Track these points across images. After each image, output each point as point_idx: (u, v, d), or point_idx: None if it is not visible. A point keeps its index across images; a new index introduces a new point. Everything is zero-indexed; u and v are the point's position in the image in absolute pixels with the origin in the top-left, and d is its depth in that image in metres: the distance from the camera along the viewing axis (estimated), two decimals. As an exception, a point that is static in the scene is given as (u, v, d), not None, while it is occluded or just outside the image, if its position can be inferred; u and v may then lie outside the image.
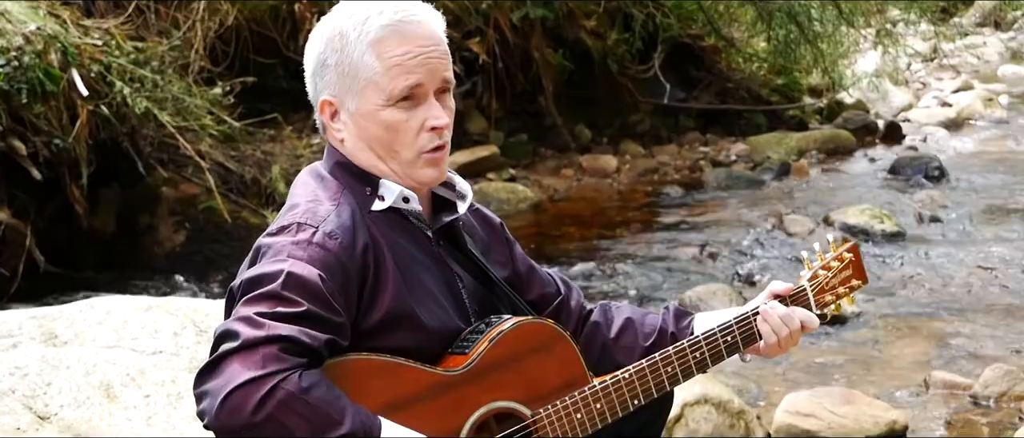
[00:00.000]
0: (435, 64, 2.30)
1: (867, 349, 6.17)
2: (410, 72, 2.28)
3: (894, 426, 4.85)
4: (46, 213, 7.23)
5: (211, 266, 7.55)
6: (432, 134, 2.31)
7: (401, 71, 2.27)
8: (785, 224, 8.63)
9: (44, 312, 3.98)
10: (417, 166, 2.33)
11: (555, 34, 11.15)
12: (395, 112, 2.29)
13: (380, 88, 2.28)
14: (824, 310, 2.62)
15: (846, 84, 12.89)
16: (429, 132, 2.31)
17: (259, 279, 2.15)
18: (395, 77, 2.27)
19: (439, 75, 2.31)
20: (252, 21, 9.33)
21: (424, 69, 2.29)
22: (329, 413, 2.06)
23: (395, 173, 2.33)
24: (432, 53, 2.30)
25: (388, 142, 2.31)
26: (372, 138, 2.32)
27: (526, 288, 2.57)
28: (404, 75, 2.27)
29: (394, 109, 2.29)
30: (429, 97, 2.31)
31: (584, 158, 10.88)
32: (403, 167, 2.33)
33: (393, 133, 2.30)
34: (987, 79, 16.04)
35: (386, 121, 2.30)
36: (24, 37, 6.82)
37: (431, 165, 2.33)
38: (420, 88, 2.29)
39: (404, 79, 2.27)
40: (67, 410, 3.41)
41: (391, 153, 2.32)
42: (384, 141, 2.31)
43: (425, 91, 2.30)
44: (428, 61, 2.29)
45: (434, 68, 2.30)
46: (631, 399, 2.41)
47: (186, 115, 7.73)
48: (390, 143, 2.31)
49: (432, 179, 2.35)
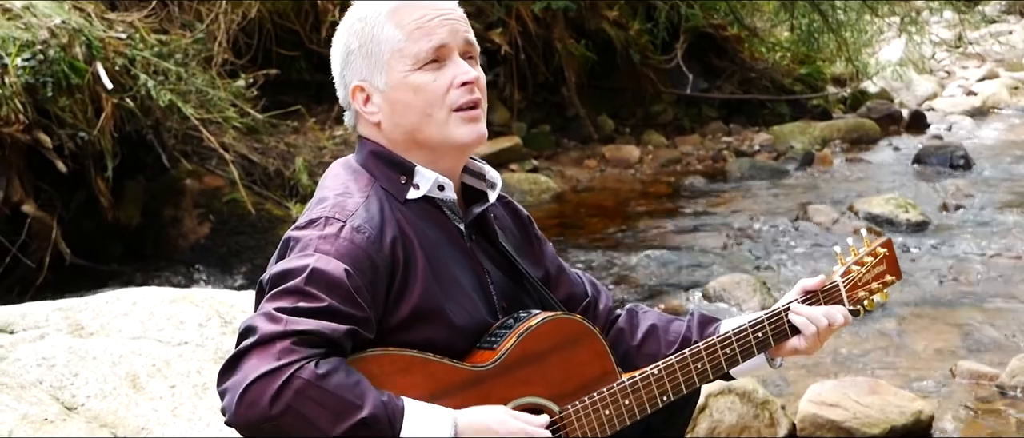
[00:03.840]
0: (454, 25, 2.31)
1: (892, 339, 6.14)
2: (431, 33, 2.28)
3: (920, 416, 4.82)
4: (72, 206, 7.27)
5: (235, 258, 7.58)
6: (462, 89, 2.30)
7: (422, 33, 2.28)
8: (809, 214, 8.60)
9: (70, 304, 4.01)
10: (453, 125, 2.30)
11: (577, 25, 11.14)
12: (423, 74, 2.29)
13: (405, 54, 2.29)
14: (857, 306, 2.58)
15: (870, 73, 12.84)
16: (459, 88, 2.30)
17: (284, 274, 2.16)
18: (418, 40, 2.28)
19: (461, 36, 2.32)
20: (275, 13, 9.35)
21: (445, 29, 2.29)
22: (348, 398, 2.06)
23: (433, 142, 2.31)
24: (450, 15, 2.31)
25: (421, 106, 2.30)
26: (405, 107, 2.31)
27: (554, 288, 2.56)
28: (426, 36, 2.28)
29: (421, 72, 2.29)
30: (454, 56, 2.31)
31: (607, 149, 10.86)
32: (439, 129, 2.30)
33: (423, 94, 2.29)
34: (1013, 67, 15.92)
35: (415, 84, 2.29)
36: (49, 31, 6.86)
37: (469, 122, 2.31)
38: (444, 48, 2.29)
39: (427, 40, 2.28)
40: (94, 401, 3.44)
41: (425, 118, 2.30)
42: (417, 106, 2.30)
43: (449, 50, 2.30)
44: (447, 21, 2.30)
45: (454, 29, 2.31)
46: (660, 395, 2.39)
47: (210, 107, 7.76)
48: (423, 106, 2.30)
49: (471, 138, 2.32)
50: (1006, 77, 14.93)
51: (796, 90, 12.62)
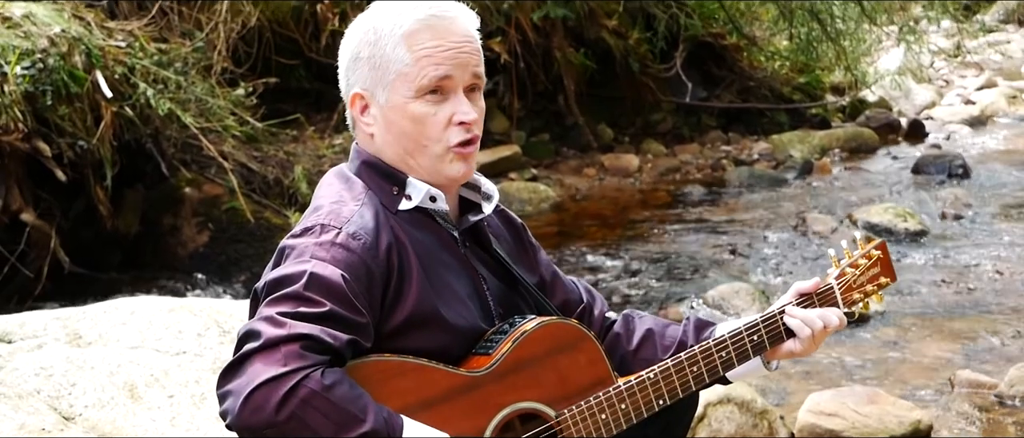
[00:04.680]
0: (465, 59, 2.31)
1: (891, 348, 6.14)
2: (439, 64, 2.28)
3: (918, 426, 4.82)
4: (70, 214, 7.27)
5: (234, 266, 7.58)
6: (460, 129, 2.31)
7: (430, 63, 2.28)
8: (808, 223, 8.60)
9: (69, 313, 4.00)
10: (445, 161, 2.32)
11: (576, 34, 11.14)
12: (423, 105, 2.29)
13: (409, 80, 2.28)
14: (852, 308, 2.59)
15: (869, 82, 12.84)
16: (457, 126, 2.30)
17: (282, 280, 2.16)
18: (424, 68, 2.28)
19: (469, 70, 2.31)
20: (274, 22, 9.36)
21: (454, 63, 2.29)
22: (351, 411, 2.06)
23: (423, 169, 2.33)
24: (463, 48, 2.31)
25: (416, 136, 2.31)
26: (400, 132, 2.31)
27: (549, 294, 2.56)
28: (433, 67, 2.28)
29: (422, 102, 2.29)
30: (458, 91, 2.31)
31: (606, 157, 10.86)
32: (431, 162, 2.32)
33: (421, 126, 2.30)
34: (1011, 76, 15.92)
35: (413, 113, 2.30)
36: (49, 39, 6.86)
37: (460, 160, 2.32)
38: (448, 81, 2.29)
39: (433, 70, 2.28)
40: (91, 410, 3.43)
41: (419, 147, 2.31)
42: (412, 135, 2.31)
43: (453, 84, 2.30)
44: (458, 55, 2.30)
45: (464, 63, 2.30)
46: (656, 399, 2.40)
47: (209, 116, 7.76)
48: (417, 137, 2.31)
49: (460, 174, 2.34)
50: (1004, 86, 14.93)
51: (795, 99, 12.62)
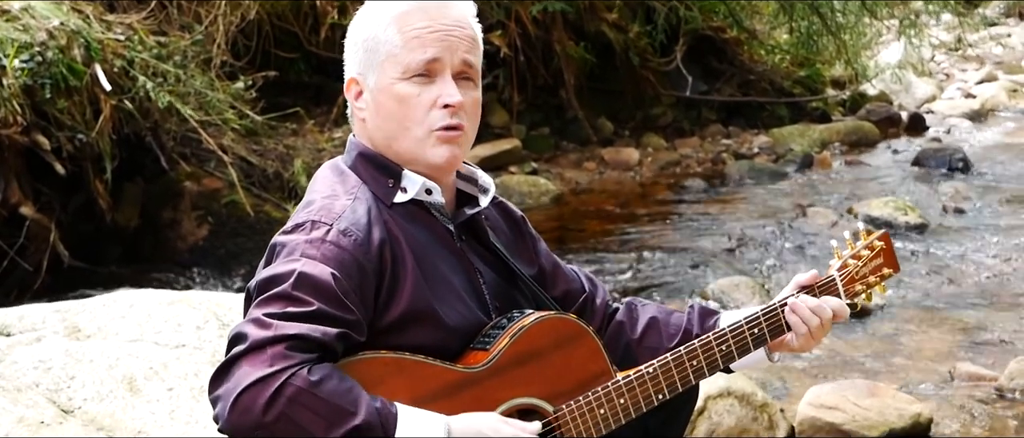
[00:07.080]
0: (455, 43, 2.28)
1: (891, 341, 6.14)
2: (427, 46, 2.26)
3: (919, 419, 4.82)
4: (70, 208, 7.26)
5: (234, 260, 7.57)
6: (444, 112, 2.27)
7: (419, 43, 2.26)
8: (808, 216, 8.60)
9: (68, 306, 4.00)
10: (428, 144, 2.29)
11: (576, 27, 11.13)
12: (408, 85, 2.27)
13: (397, 61, 2.27)
14: (854, 299, 2.57)
15: (869, 75, 12.82)
16: (441, 109, 2.27)
17: (271, 280, 2.14)
18: (413, 50, 2.26)
19: (459, 55, 2.29)
20: (274, 15, 9.34)
21: (442, 45, 2.27)
22: (341, 405, 2.04)
23: (406, 153, 2.30)
24: (453, 32, 2.29)
25: (400, 117, 2.28)
26: (387, 115, 2.30)
27: (550, 285, 2.55)
28: (421, 48, 2.26)
29: (408, 83, 2.27)
30: (445, 74, 2.28)
31: (606, 151, 10.85)
32: (412, 145, 2.29)
33: (404, 107, 2.28)
34: (1011, 70, 15.92)
35: (398, 93, 2.28)
36: (47, 32, 6.85)
37: (443, 143, 2.28)
38: (436, 63, 2.27)
39: (421, 52, 2.26)
40: (90, 403, 3.43)
41: (402, 130, 2.29)
42: (396, 116, 2.29)
43: (441, 67, 2.28)
44: (448, 38, 2.28)
45: (453, 46, 2.28)
46: (655, 394, 2.38)
47: (208, 109, 7.75)
48: (401, 118, 2.28)
49: (442, 160, 2.30)
50: (1005, 80, 14.92)
51: (795, 92, 12.61)
